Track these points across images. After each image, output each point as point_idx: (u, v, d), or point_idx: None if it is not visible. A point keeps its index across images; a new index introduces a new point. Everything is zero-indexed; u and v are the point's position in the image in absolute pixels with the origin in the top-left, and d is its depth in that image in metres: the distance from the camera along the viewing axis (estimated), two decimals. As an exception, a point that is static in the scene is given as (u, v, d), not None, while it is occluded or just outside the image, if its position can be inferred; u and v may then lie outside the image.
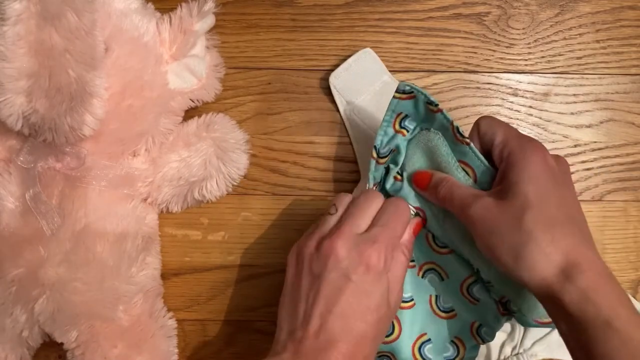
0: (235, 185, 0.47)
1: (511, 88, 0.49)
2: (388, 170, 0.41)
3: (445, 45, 0.49)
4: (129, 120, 0.42)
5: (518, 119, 0.49)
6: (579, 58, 0.49)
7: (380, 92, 0.47)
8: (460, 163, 0.39)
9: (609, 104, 0.49)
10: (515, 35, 0.49)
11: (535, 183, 0.34)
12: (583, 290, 0.31)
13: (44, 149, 0.42)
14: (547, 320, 0.38)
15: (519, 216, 0.33)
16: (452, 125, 0.38)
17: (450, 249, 0.41)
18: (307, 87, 0.49)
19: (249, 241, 0.48)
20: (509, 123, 0.47)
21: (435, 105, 0.38)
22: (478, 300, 0.41)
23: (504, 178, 0.36)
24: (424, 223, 0.41)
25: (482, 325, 0.41)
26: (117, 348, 0.42)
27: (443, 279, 0.42)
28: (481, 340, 0.41)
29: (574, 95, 0.49)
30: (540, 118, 0.49)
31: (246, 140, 0.47)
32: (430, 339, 0.41)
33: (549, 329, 0.45)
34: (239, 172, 0.47)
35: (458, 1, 0.49)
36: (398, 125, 0.40)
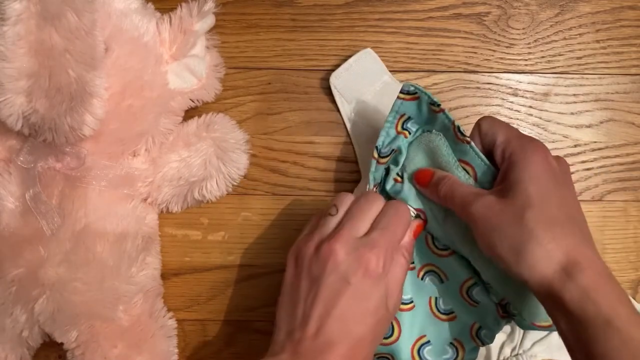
0: (235, 185, 0.47)
1: (511, 88, 0.49)
2: (388, 171, 0.41)
3: (445, 45, 0.49)
4: (129, 120, 0.42)
5: (518, 119, 0.49)
6: (579, 58, 0.49)
7: (380, 92, 0.47)
8: (460, 162, 0.39)
9: (609, 104, 0.49)
10: (515, 35, 0.49)
11: (536, 182, 0.34)
12: (583, 288, 0.31)
13: (44, 149, 0.42)
14: (546, 323, 0.38)
15: (520, 214, 0.33)
16: (454, 124, 0.38)
17: (450, 251, 0.41)
18: (307, 87, 0.49)
19: (249, 241, 0.48)
20: (509, 123, 0.47)
21: (438, 105, 0.38)
22: (478, 302, 0.40)
23: (506, 177, 0.36)
24: (424, 225, 0.41)
25: (482, 327, 0.40)
26: (117, 348, 0.42)
27: (443, 281, 0.41)
28: (481, 342, 0.41)
29: (574, 95, 0.49)
30: (540, 118, 0.49)
31: (246, 140, 0.47)
32: (429, 340, 0.41)
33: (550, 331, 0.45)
34: (239, 172, 0.47)
35: (458, 1, 0.49)
36: (400, 127, 0.41)
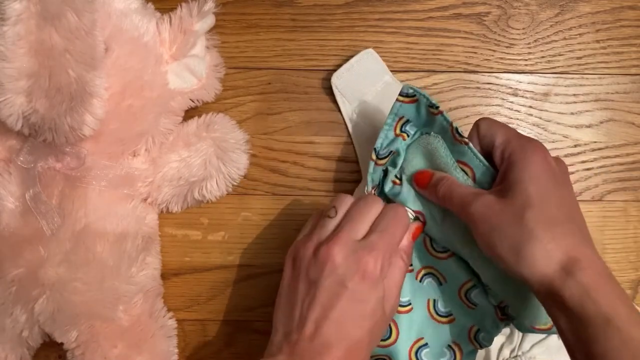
0: (235, 185, 0.47)
1: (511, 88, 0.49)
2: (386, 173, 0.41)
3: (445, 45, 0.49)
4: (129, 120, 0.42)
5: (518, 119, 0.49)
6: (579, 58, 0.49)
7: (382, 93, 0.47)
8: (459, 164, 0.39)
9: (609, 104, 0.49)
10: (515, 35, 0.49)
11: (536, 182, 0.34)
12: (583, 287, 0.31)
13: (44, 149, 0.42)
14: (545, 326, 0.38)
15: (520, 214, 0.34)
16: (451, 126, 0.38)
17: (449, 254, 0.41)
18: (307, 87, 0.49)
19: (249, 241, 0.48)
20: (509, 123, 0.47)
21: (436, 107, 0.38)
22: (476, 305, 0.40)
23: (505, 177, 0.36)
24: (423, 227, 0.41)
25: (480, 330, 0.40)
26: (117, 348, 0.42)
27: (441, 284, 0.41)
28: (479, 345, 0.41)
29: (574, 95, 0.49)
30: (540, 118, 0.49)
31: (246, 140, 0.47)
32: (427, 343, 0.41)
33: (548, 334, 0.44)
34: (239, 172, 0.47)
35: (458, 1, 0.49)
36: (399, 129, 0.41)
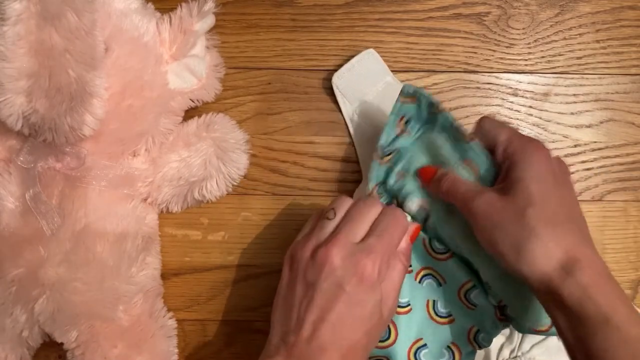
0: (235, 185, 0.47)
1: (511, 88, 0.49)
2: (389, 172, 0.41)
3: (445, 45, 0.49)
4: (129, 120, 0.42)
5: (518, 119, 0.49)
6: (579, 58, 0.49)
7: (383, 93, 0.47)
8: (462, 161, 0.39)
9: (609, 104, 0.49)
10: (515, 35, 0.49)
11: (538, 181, 0.35)
12: (583, 286, 0.31)
13: (44, 149, 0.42)
14: (544, 327, 0.38)
15: (521, 212, 0.34)
16: (454, 124, 0.38)
17: (449, 254, 0.41)
18: (307, 87, 0.49)
19: (249, 241, 0.48)
20: (509, 123, 0.47)
21: (437, 106, 0.38)
22: (475, 305, 0.40)
23: (507, 175, 0.36)
24: (421, 229, 0.41)
25: (480, 331, 0.40)
26: (117, 348, 0.42)
27: (441, 284, 0.41)
28: (478, 346, 0.41)
29: (574, 95, 0.49)
30: (540, 118, 0.49)
31: (246, 140, 0.47)
32: (426, 344, 0.41)
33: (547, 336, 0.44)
34: (239, 172, 0.47)
35: (458, 1, 0.49)
36: (401, 128, 0.40)
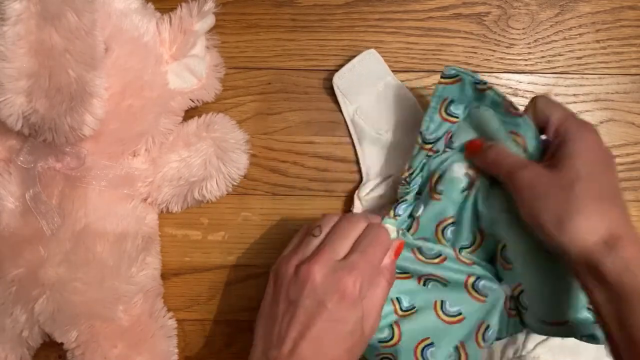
0: (235, 185, 0.47)
1: (511, 88, 0.49)
2: (430, 157, 0.42)
3: (445, 45, 0.49)
4: (129, 120, 0.42)
5: (518, 119, 0.49)
6: (579, 58, 0.49)
7: (383, 93, 0.47)
8: (511, 134, 0.39)
9: (609, 104, 0.49)
10: (515, 35, 0.49)
11: (587, 159, 0.35)
12: (625, 261, 0.32)
13: (44, 149, 0.42)
14: (555, 320, 0.38)
15: (569, 185, 0.34)
16: (505, 99, 0.39)
17: (442, 258, 0.41)
18: (307, 87, 0.49)
19: (249, 241, 0.48)
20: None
21: (484, 83, 0.39)
22: (486, 295, 0.41)
23: (557, 152, 0.37)
24: (404, 245, 0.41)
25: (490, 327, 0.41)
26: (117, 348, 0.42)
27: (445, 285, 0.42)
28: (484, 342, 0.41)
29: (574, 95, 0.49)
30: (540, 118, 0.49)
31: (246, 140, 0.47)
32: (433, 342, 0.41)
33: (550, 336, 0.44)
34: (239, 172, 0.47)
35: (458, 1, 0.49)
36: (444, 112, 0.41)
